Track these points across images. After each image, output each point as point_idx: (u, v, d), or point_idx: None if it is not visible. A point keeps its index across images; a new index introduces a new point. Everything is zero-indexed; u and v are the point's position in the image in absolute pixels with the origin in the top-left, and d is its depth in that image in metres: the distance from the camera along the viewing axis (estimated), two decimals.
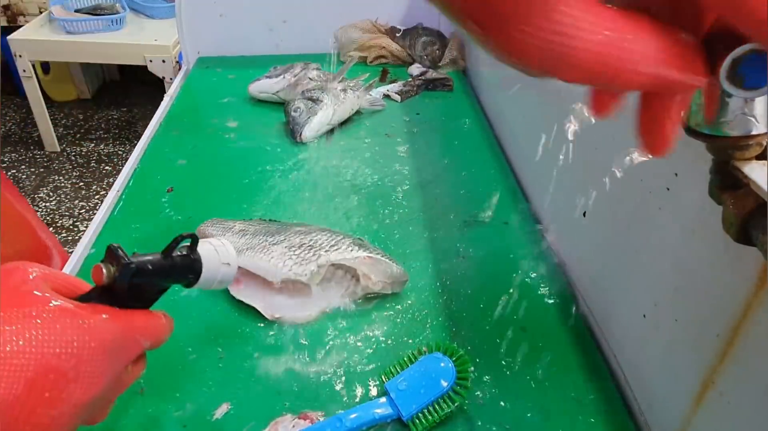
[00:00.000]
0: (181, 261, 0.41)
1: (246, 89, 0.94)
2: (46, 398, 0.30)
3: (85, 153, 2.45)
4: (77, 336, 0.31)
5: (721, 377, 0.36)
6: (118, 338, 0.34)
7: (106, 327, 0.33)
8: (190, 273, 0.41)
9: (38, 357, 0.30)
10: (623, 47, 0.21)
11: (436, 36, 1.08)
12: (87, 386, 0.32)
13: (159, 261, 0.39)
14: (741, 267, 0.34)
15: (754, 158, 0.30)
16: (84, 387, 0.32)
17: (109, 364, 0.33)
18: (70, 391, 0.31)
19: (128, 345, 0.35)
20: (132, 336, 0.35)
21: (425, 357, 0.47)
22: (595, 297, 0.55)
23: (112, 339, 0.33)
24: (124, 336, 0.35)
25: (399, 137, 0.85)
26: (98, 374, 0.32)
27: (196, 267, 0.41)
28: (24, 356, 0.29)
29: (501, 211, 0.70)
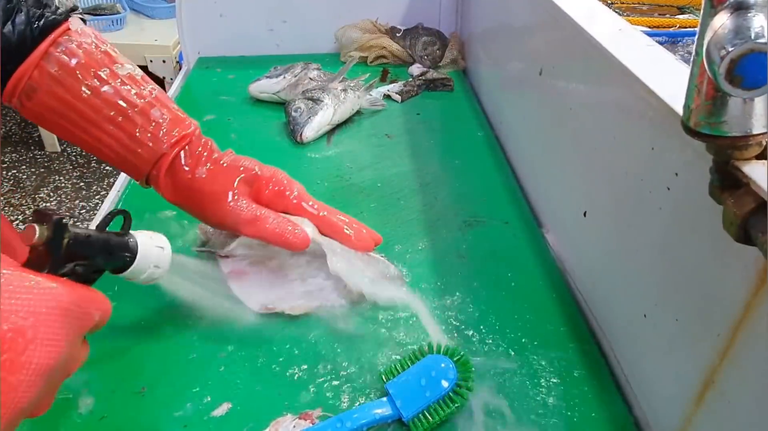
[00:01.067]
0: (115, 237, 0.40)
1: (246, 89, 0.94)
2: (5, 360, 0.29)
3: (85, 153, 2.45)
4: (33, 296, 0.31)
5: (722, 376, 0.36)
6: (74, 303, 0.33)
7: (62, 289, 0.33)
8: (126, 251, 0.40)
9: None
10: None
11: (437, 36, 1.08)
12: (46, 349, 0.31)
13: (92, 232, 0.38)
14: (741, 266, 0.34)
15: (753, 158, 0.30)
16: (43, 350, 0.31)
17: (66, 329, 0.32)
18: (29, 354, 0.30)
19: (83, 313, 0.34)
20: (86, 305, 0.34)
21: (426, 358, 0.47)
22: (596, 297, 0.55)
23: (68, 302, 0.33)
24: (79, 304, 0.34)
25: (399, 137, 0.85)
26: (56, 338, 0.31)
27: (132, 244, 0.40)
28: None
29: (501, 211, 0.70)
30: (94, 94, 0.47)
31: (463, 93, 0.99)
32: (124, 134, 0.48)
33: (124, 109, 0.48)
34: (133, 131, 0.48)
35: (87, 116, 0.47)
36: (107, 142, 0.49)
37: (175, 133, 0.50)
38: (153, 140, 0.49)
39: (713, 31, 0.25)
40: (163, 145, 0.50)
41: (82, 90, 0.46)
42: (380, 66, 1.07)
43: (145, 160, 0.50)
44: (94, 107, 0.47)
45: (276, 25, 1.11)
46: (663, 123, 0.41)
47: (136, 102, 0.48)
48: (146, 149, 0.49)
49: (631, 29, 0.53)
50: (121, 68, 0.49)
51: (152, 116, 0.49)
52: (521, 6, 0.76)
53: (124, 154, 0.49)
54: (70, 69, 0.46)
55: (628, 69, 0.45)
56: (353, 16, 1.09)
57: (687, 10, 1.07)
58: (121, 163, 0.50)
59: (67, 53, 0.46)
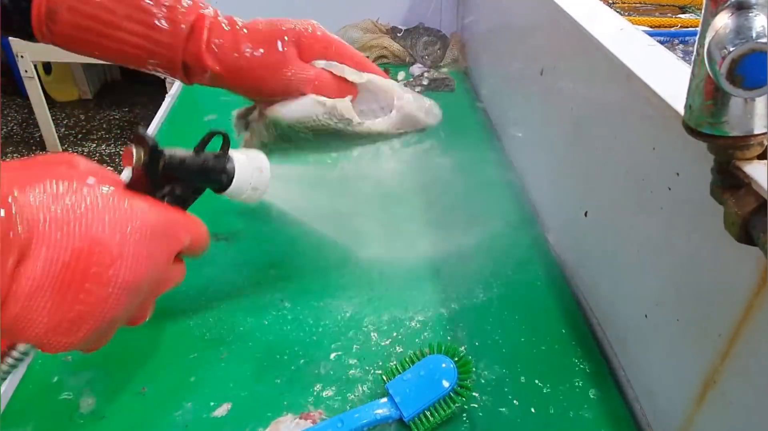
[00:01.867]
0: (213, 158, 0.40)
1: None
2: (94, 273, 0.31)
3: (86, 153, 2.46)
4: (122, 215, 0.32)
5: (723, 376, 0.36)
6: (161, 225, 0.35)
7: (151, 211, 0.34)
8: (222, 173, 0.41)
9: (84, 230, 0.30)
10: None
11: (437, 36, 1.08)
12: (131, 266, 0.32)
13: (190, 156, 0.39)
14: (742, 266, 0.33)
15: (755, 158, 0.30)
16: (128, 268, 0.32)
17: (152, 249, 0.34)
18: (116, 269, 0.31)
19: (170, 235, 0.36)
20: (174, 227, 0.36)
21: (427, 358, 0.47)
22: (596, 297, 0.55)
23: (155, 223, 0.34)
24: (167, 226, 0.35)
25: (400, 137, 0.85)
26: (142, 256, 0.33)
27: (229, 167, 0.41)
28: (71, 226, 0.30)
29: (502, 211, 0.70)
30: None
31: (463, 93, 0.99)
32: (144, 27, 0.48)
33: (136, 2, 0.48)
34: (152, 21, 0.48)
35: (106, 20, 0.48)
36: (133, 42, 0.49)
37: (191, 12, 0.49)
38: (171, 24, 0.49)
39: (714, 30, 0.25)
40: (182, 26, 0.49)
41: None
42: (381, 66, 1.07)
43: (173, 47, 0.49)
44: (110, 9, 0.47)
45: None
46: (664, 123, 0.41)
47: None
48: (167, 35, 0.49)
49: (632, 29, 0.53)
50: None
51: (164, 1, 0.49)
52: (522, 6, 0.76)
53: (152, 47, 0.49)
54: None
55: (630, 69, 0.44)
56: (354, 16, 1.09)
57: (688, 10, 1.06)
58: (153, 60, 0.50)
59: None
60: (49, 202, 0.30)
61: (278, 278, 0.59)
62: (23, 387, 0.48)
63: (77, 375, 0.48)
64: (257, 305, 0.56)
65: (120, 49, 0.49)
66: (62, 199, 0.30)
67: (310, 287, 0.58)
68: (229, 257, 0.62)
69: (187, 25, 0.49)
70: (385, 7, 1.11)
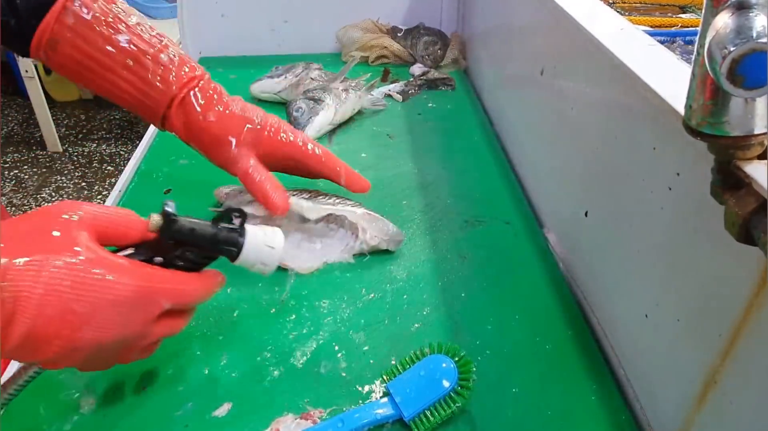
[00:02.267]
0: (226, 232, 0.44)
1: (248, 89, 0.94)
2: (65, 334, 0.36)
3: (87, 153, 2.46)
4: (96, 286, 0.36)
5: (724, 377, 0.36)
6: (135, 293, 0.38)
7: (126, 280, 0.38)
8: (233, 246, 0.44)
9: (61, 302, 0.35)
10: None
11: (438, 36, 1.08)
12: (98, 330, 0.37)
13: (204, 226, 0.43)
14: (743, 266, 0.33)
15: (755, 158, 0.30)
16: (95, 331, 0.37)
17: (124, 314, 0.38)
18: (82, 332, 0.36)
19: (146, 301, 0.39)
20: (150, 294, 0.39)
21: (427, 358, 0.47)
22: (597, 297, 0.55)
23: (128, 293, 0.38)
24: (142, 293, 0.39)
25: (400, 137, 0.85)
26: (111, 321, 0.37)
27: (240, 242, 0.45)
28: (49, 298, 0.35)
29: (502, 211, 0.70)
30: (108, 43, 0.51)
31: (464, 93, 0.99)
32: (137, 78, 0.52)
33: (136, 55, 0.52)
34: (146, 75, 0.52)
35: (103, 63, 0.52)
36: (124, 87, 0.53)
37: (183, 75, 0.54)
38: (163, 82, 0.53)
39: (715, 30, 0.25)
40: (172, 87, 0.54)
41: (97, 39, 0.51)
42: (381, 66, 1.07)
43: (158, 101, 0.54)
44: (109, 55, 0.51)
45: (277, 25, 1.11)
46: (664, 123, 0.41)
47: (147, 49, 0.52)
48: (157, 91, 0.53)
49: (632, 29, 0.53)
50: (131, 18, 0.53)
51: (161, 60, 0.53)
52: (522, 6, 0.76)
53: (140, 97, 0.54)
54: (85, 21, 0.50)
55: (630, 68, 0.44)
56: (354, 16, 1.09)
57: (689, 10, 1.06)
58: (138, 106, 0.55)
59: (83, 5, 0.51)
60: (32, 277, 0.34)
61: (279, 277, 0.59)
62: None
63: (78, 374, 0.49)
64: (258, 304, 0.56)
65: (109, 90, 0.53)
66: (44, 271, 0.35)
67: (310, 286, 0.58)
68: None
69: (176, 87, 0.54)
70: (385, 7, 1.11)
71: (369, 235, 0.61)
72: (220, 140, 0.56)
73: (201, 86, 0.56)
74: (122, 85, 0.53)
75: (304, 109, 0.83)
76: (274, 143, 0.59)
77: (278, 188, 0.58)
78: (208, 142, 0.57)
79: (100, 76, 0.52)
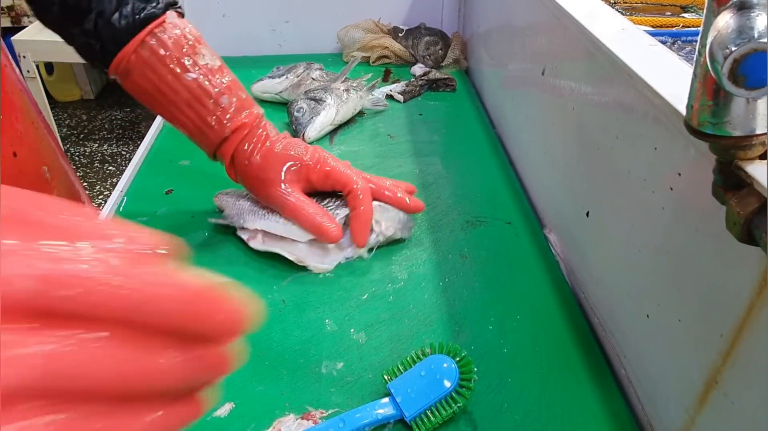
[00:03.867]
0: None
1: (249, 89, 0.94)
2: None
3: (88, 153, 2.46)
4: None
5: (725, 377, 0.36)
6: None
7: None
8: None
9: None
10: None
11: (439, 36, 1.08)
12: None
13: None
14: (744, 266, 0.33)
15: (757, 158, 0.30)
16: None
17: None
18: None
19: None
20: None
21: (428, 358, 0.47)
22: (598, 297, 0.55)
23: None
24: None
25: (402, 137, 0.85)
26: None
27: None
28: None
29: (504, 211, 0.70)
30: (176, 80, 0.55)
31: (465, 93, 0.99)
32: (197, 116, 0.57)
33: (199, 95, 0.56)
34: (204, 115, 0.57)
35: (169, 98, 0.56)
36: (183, 122, 0.58)
37: (237, 120, 0.58)
38: (218, 124, 0.58)
39: (716, 30, 0.25)
40: (225, 130, 0.58)
41: (167, 76, 0.55)
42: (383, 66, 1.07)
43: (212, 140, 0.59)
44: (175, 91, 0.55)
45: (279, 26, 1.11)
46: (666, 123, 0.41)
47: (210, 90, 0.56)
48: (212, 131, 0.58)
49: (634, 29, 0.53)
50: (202, 59, 0.56)
51: (221, 103, 0.57)
52: (523, 6, 0.76)
53: (197, 133, 0.59)
54: (160, 57, 0.54)
55: (631, 68, 0.44)
56: (356, 16, 1.09)
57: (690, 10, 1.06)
58: (194, 139, 0.60)
59: (159, 43, 0.54)
60: None
61: (279, 277, 0.59)
62: None
63: None
64: None
65: (171, 120, 0.59)
66: None
67: (311, 286, 0.58)
68: (230, 255, 0.62)
69: (229, 130, 0.58)
70: (386, 7, 1.11)
71: (384, 226, 0.61)
72: (266, 182, 0.60)
73: (251, 131, 0.60)
74: (183, 119, 0.57)
75: (306, 109, 0.83)
76: (319, 174, 0.61)
77: (329, 217, 0.60)
78: (251, 184, 0.61)
79: (165, 108, 0.57)
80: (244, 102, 0.59)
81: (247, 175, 0.61)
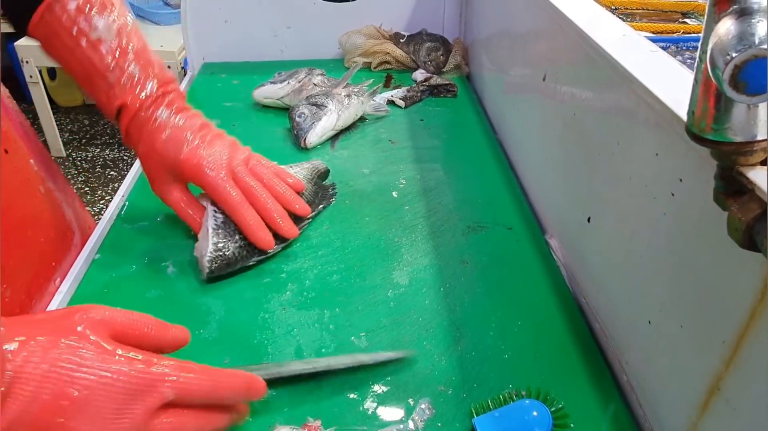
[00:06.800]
0: None
1: (250, 95, 0.94)
2: (57, 423, 0.34)
3: (90, 158, 2.47)
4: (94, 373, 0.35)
5: (727, 384, 0.36)
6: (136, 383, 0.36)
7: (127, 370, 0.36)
8: None
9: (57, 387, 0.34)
10: None
11: (440, 42, 1.09)
12: (92, 419, 0.35)
13: None
14: (746, 273, 0.33)
15: (758, 164, 0.30)
16: (89, 420, 0.35)
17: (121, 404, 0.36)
18: (77, 421, 0.34)
19: (147, 392, 0.37)
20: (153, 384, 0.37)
21: (521, 401, 0.45)
22: (600, 303, 0.55)
23: (127, 383, 0.36)
24: (143, 383, 0.37)
25: (403, 143, 0.85)
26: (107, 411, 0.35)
27: None
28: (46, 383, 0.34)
29: (505, 217, 0.70)
30: (71, 54, 0.55)
31: (466, 98, 0.99)
32: (92, 92, 0.57)
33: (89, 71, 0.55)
34: (96, 92, 0.56)
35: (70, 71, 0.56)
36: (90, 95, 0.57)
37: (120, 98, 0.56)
38: (107, 101, 0.56)
39: (717, 36, 0.25)
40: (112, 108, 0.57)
41: (62, 49, 0.55)
42: (384, 71, 1.07)
43: (108, 117, 0.58)
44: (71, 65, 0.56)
45: (280, 31, 1.11)
46: (667, 128, 0.41)
47: (98, 65, 0.55)
48: (104, 108, 0.57)
49: (634, 35, 0.53)
50: (94, 32, 0.55)
51: (109, 78, 0.56)
52: (524, 11, 0.76)
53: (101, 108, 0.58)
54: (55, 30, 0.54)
55: (632, 74, 0.45)
56: (357, 22, 1.10)
57: (691, 16, 1.07)
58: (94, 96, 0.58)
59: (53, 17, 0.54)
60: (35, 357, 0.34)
61: (281, 285, 0.59)
62: None
63: None
64: (259, 311, 0.56)
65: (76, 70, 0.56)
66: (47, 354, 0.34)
67: (311, 292, 0.58)
68: None
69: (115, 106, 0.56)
70: (388, 13, 1.12)
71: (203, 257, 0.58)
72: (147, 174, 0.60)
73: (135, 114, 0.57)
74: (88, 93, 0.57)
75: (307, 115, 0.83)
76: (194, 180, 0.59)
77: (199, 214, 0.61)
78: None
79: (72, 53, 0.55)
80: (136, 79, 0.56)
81: (140, 162, 0.60)
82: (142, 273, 0.60)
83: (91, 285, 0.59)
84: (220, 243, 0.58)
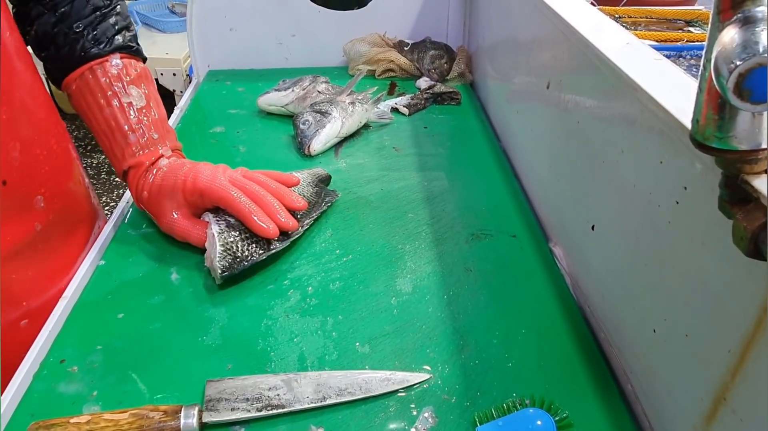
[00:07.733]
0: None
1: (255, 102, 0.95)
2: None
3: (95, 164, 2.48)
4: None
5: (734, 394, 0.36)
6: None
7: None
8: None
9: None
10: None
11: (444, 49, 1.09)
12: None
13: None
14: (752, 281, 0.33)
15: (763, 172, 0.29)
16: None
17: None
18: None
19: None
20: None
21: (525, 410, 0.45)
22: (604, 312, 0.55)
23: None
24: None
25: (407, 150, 0.86)
26: None
27: None
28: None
29: (508, 224, 0.69)
30: (99, 112, 0.64)
31: (470, 106, 0.99)
32: (109, 146, 0.65)
33: (113, 128, 0.64)
34: (113, 146, 0.65)
35: (92, 125, 0.65)
36: (103, 146, 0.66)
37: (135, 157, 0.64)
38: (121, 157, 0.65)
39: (721, 45, 0.25)
40: (125, 164, 0.65)
41: (93, 106, 0.64)
42: (388, 79, 1.07)
43: (117, 169, 0.67)
44: (97, 120, 0.65)
45: (285, 39, 1.12)
46: (671, 137, 0.41)
47: (122, 126, 0.64)
48: (117, 161, 0.66)
49: (638, 43, 0.53)
50: (126, 97, 0.64)
51: (129, 139, 0.64)
52: (528, 20, 0.77)
53: (111, 159, 0.67)
54: (91, 89, 0.64)
55: (636, 83, 0.45)
56: (361, 29, 1.10)
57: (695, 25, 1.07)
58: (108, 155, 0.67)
59: (94, 78, 0.64)
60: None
61: (284, 292, 0.59)
62: (28, 398, 0.48)
63: (82, 384, 0.49)
64: (262, 317, 0.56)
65: (98, 141, 0.66)
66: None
67: (315, 299, 0.58)
68: None
69: (128, 164, 0.65)
70: (392, 21, 1.12)
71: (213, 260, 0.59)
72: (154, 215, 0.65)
73: (146, 170, 0.64)
74: (102, 145, 0.66)
75: (311, 122, 0.84)
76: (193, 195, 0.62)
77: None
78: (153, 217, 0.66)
79: (93, 132, 0.66)
80: (154, 141, 0.64)
81: (148, 211, 0.66)
82: (146, 279, 0.60)
83: (96, 292, 0.59)
84: (227, 242, 0.59)
